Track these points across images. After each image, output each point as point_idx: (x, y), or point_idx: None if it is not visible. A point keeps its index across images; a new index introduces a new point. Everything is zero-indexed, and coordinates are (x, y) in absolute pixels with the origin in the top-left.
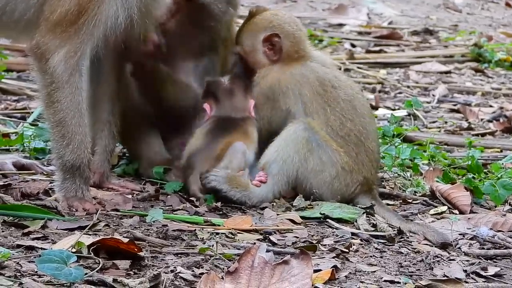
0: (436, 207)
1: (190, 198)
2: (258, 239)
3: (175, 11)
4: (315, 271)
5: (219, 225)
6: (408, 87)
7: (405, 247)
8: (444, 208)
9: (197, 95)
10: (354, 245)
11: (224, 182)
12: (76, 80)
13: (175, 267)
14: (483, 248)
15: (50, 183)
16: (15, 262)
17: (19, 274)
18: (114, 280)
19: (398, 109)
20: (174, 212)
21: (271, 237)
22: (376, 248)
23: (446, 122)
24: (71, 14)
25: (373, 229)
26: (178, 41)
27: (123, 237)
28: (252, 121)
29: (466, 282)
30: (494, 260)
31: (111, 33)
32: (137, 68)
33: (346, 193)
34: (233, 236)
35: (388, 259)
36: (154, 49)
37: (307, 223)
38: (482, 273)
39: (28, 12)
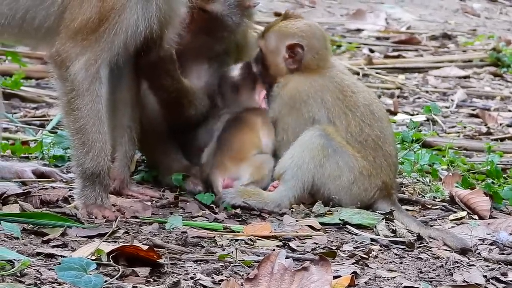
0: (455, 212)
1: (210, 205)
2: (277, 246)
3: (190, 22)
4: (335, 277)
5: (238, 232)
6: (427, 92)
7: (424, 252)
8: (464, 213)
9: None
10: (373, 251)
11: (237, 196)
12: (96, 87)
13: (194, 274)
14: (503, 254)
15: (70, 190)
16: (35, 270)
17: (39, 282)
18: None
19: (417, 114)
20: (193, 219)
21: (291, 244)
22: (396, 254)
23: (465, 127)
24: (92, 22)
25: (392, 234)
26: (192, 49)
27: (143, 244)
28: (262, 113)
29: None
30: None
31: (131, 42)
32: (154, 86)
33: (365, 198)
34: (252, 243)
35: (407, 264)
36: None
37: (326, 229)
38: (502, 278)
39: (49, 20)
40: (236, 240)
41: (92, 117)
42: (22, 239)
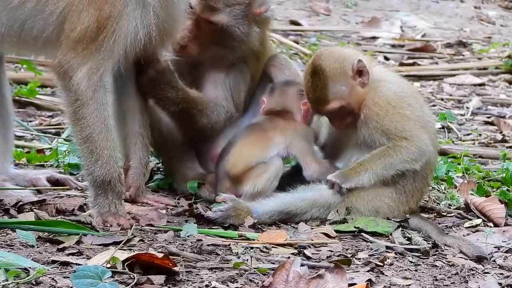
0: (470, 220)
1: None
2: (292, 253)
3: (196, 33)
4: (350, 285)
5: (253, 240)
6: (442, 99)
7: (439, 260)
8: (479, 221)
9: (226, 109)
10: (388, 258)
11: (223, 216)
12: (100, 95)
13: (209, 282)
14: None
15: (85, 198)
16: (50, 278)
17: None
18: None
19: None
20: (208, 227)
21: (306, 251)
22: (411, 262)
23: (480, 135)
24: (91, 31)
25: (407, 242)
26: (206, 60)
27: (158, 252)
28: (290, 121)
29: None
30: None
31: (132, 49)
32: (160, 100)
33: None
34: (267, 250)
35: (423, 272)
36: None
37: (341, 237)
38: None
39: (47, 30)
40: (251, 247)
41: (99, 125)
42: (37, 247)
